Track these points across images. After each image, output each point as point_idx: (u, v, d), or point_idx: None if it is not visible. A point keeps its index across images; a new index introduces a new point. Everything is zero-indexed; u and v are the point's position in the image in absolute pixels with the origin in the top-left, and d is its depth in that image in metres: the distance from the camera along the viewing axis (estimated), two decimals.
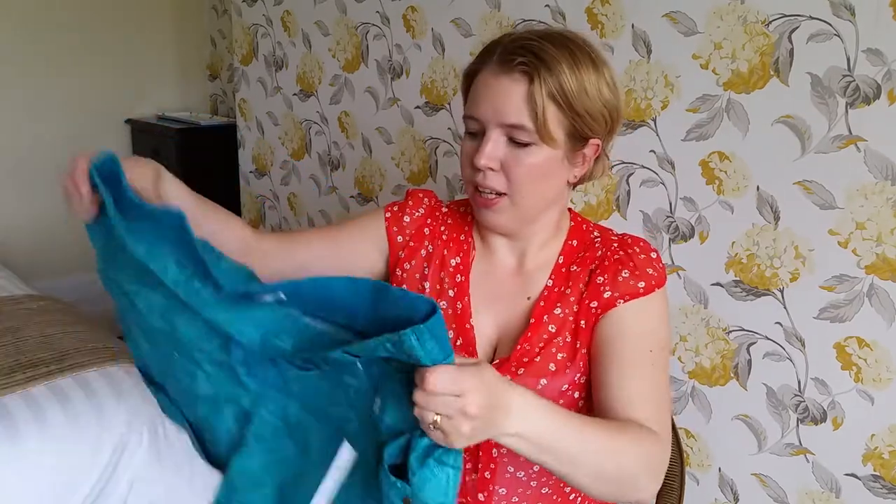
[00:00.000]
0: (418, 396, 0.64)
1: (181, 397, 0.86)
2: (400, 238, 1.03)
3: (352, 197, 2.12)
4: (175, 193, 0.90)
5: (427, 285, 1.00)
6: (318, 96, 2.15)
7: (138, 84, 3.06)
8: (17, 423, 1.30)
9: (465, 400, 0.63)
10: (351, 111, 2.05)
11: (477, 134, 0.90)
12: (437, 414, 0.63)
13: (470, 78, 0.92)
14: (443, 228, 1.04)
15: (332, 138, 2.13)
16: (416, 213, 1.04)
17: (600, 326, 0.92)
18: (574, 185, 0.97)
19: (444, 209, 1.06)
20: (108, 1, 2.91)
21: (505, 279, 1.00)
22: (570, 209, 1.04)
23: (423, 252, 1.02)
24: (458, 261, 1.01)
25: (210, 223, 0.97)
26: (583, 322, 0.93)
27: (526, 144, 0.87)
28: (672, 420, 1.20)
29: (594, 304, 0.92)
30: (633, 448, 0.79)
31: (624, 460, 0.78)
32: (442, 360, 0.63)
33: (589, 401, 0.96)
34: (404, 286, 1.01)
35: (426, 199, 1.06)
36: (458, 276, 1.00)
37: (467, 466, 0.96)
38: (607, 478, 0.77)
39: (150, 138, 2.91)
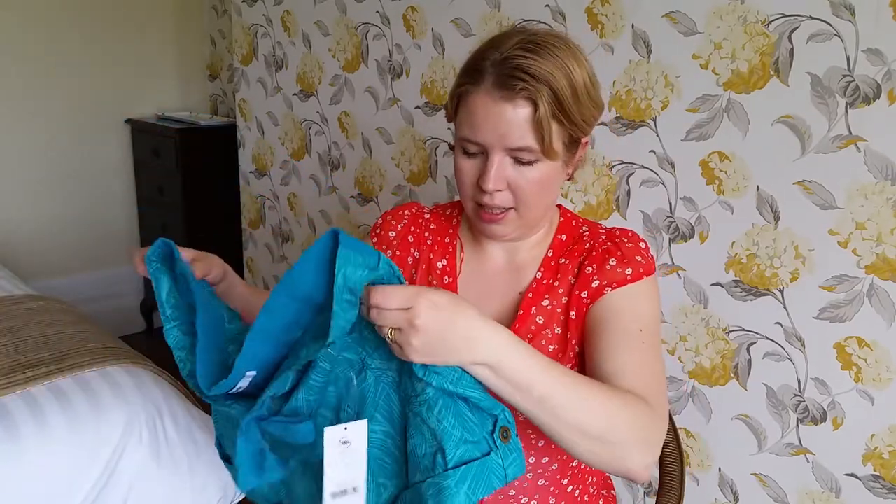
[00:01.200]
0: (371, 314, 0.67)
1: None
2: (389, 253, 1.04)
3: (352, 197, 2.11)
4: (235, 281, 0.97)
5: None
6: (318, 96, 2.15)
7: (138, 84, 3.06)
8: (16, 423, 1.30)
9: (411, 313, 0.66)
10: (351, 111, 2.05)
11: (476, 154, 0.89)
12: (391, 328, 0.67)
13: (459, 98, 0.90)
14: (427, 234, 1.05)
15: (333, 138, 2.13)
16: (400, 225, 1.06)
17: (589, 314, 0.92)
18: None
19: (427, 215, 1.07)
20: (108, 1, 2.91)
21: (496, 276, 1.00)
22: (559, 205, 1.05)
23: (410, 259, 1.03)
24: (445, 263, 1.02)
25: None
26: (572, 313, 0.93)
27: (531, 162, 0.87)
28: (671, 419, 1.20)
29: (584, 293, 0.93)
30: (623, 409, 0.75)
31: (612, 420, 0.73)
32: (377, 264, 0.66)
33: None
34: None
35: (407, 211, 1.07)
36: (446, 277, 1.01)
37: None
38: (593, 435, 0.72)
39: (150, 138, 2.91)
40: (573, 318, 0.93)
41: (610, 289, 0.91)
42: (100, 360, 1.49)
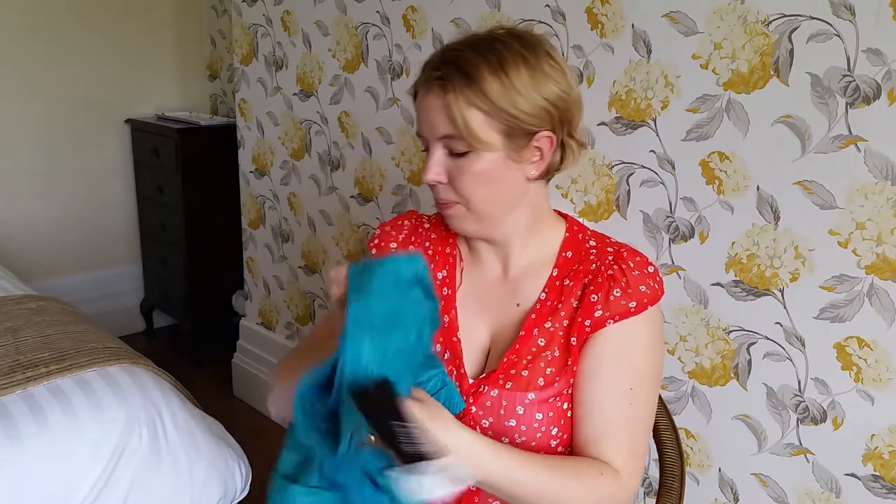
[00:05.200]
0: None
1: None
2: None
3: (352, 197, 2.12)
4: None
5: None
6: (318, 96, 2.15)
7: (138, 84, 3.06)
8: (17, 423, 1.30)
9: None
10: (351, 111, 2.05)
11: (426, 150, 0.94)
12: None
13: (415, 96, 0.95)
14: (427, 244, 1.04)
15: (332, 138, 2.13)
16: (401, 237, 1.05)
17: (588, 346, 0.91)
18: (544, 179, 0.95)
19: (427, 224, 1.06)
20: (108, 1, 2.91)
21: (493, 286, 0.99)
22: (567, 215, 1.02)
23: None
24: (445, 274, 1.00)
25: None
26: (573, 339, 0.92)
27: (464, 153, 0.88)
28: (672, 420, 1.20)
29: (587, 322, 0.91)
30: (583, 493, 0.85)
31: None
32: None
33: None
34: None
35: (406, 221, 1.07)
36: (445, 289, 0.99)
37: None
38: None
39: (149, 138, 2.91)
40: (574, 344, 0.92)
41: (612, 321, 0.90)
42: (100, 360, 1.49)
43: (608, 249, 0.96)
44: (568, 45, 1.48)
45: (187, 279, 2.88)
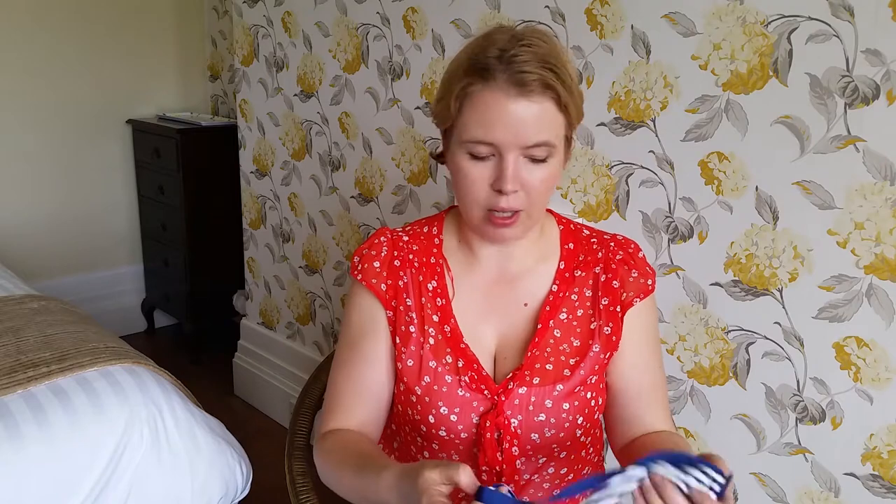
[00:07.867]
0: None
1: None
2: (383, 286, 0.99)
3: (352, 197, 2.12)
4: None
5: (414, 315, 0.98)
6: (319, 97, 2.15)
7: (139, 84, 3.07)
8: (18, 422, 1.30)
9: None
10: (351, 112, 2.05)
11: (486, 157, 0.86)
12: None
13: (464, 98, 0.86)
14: (411, 256, 1.00)
15: (333, 139, 2.14)
16: (382, 253, 1.00)
17: (625, 322, 0.97)
18: None
19: (405, 237, 1.02)
20: (109, 2, 2.91)
21: (493, 288, 0.99)
22: (548, 209, 1.03)
23: (401, 283, 0.99)
24: (435, 284, 0.99)
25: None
26: (607, 328, 0.96)
27: (543, 160, 0.86)
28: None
29: (617, 308, 0.96)
30: None
31: None
32: None
33: (599, 398, 0.97)
34: (403, 327, 0.98)
35: (381, 238, 1.02)
36: (439, 299, 0.98)
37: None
38: None
39: (150, 139, 2.92)
40: (607, 332, 0.96)
41: (639, 299, 0.96)
42: (101, 360, 1.50)
43: (605, 237, 1.02)
44: (567, 45, 1.48)
45: (188, 279, 2.88)
